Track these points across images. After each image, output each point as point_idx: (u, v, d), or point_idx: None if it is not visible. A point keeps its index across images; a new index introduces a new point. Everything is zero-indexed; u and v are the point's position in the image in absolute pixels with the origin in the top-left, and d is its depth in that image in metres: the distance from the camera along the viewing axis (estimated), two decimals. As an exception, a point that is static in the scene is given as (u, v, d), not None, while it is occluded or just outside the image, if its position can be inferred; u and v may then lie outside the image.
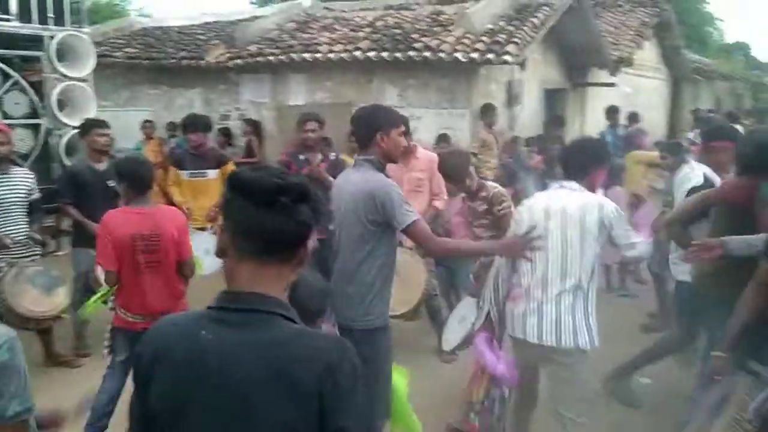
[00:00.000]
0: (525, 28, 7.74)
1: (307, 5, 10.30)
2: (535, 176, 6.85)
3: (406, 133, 4.51)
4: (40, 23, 5.39)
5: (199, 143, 5.85)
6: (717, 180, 3.72)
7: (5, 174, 4.44)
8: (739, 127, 6.08)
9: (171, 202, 5.59)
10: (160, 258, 3.50)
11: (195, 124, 5.94)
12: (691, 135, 9.69)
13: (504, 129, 8.19)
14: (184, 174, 5.88)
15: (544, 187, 5.81)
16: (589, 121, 11.15)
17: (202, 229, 5.74)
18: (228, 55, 8.76)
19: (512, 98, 8.44)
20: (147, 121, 8.90)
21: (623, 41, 11.17)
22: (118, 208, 3.79)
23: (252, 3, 25.77)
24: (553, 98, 9.99)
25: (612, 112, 9.21)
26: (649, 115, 12.08)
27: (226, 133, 8.84)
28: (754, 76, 24.31)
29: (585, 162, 3.03)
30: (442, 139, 6.90)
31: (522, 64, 8.16)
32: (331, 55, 8.03)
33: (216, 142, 8.21)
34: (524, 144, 8.02)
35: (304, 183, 1.32)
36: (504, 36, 7.48)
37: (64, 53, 5.45)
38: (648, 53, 13.15)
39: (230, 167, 6.12)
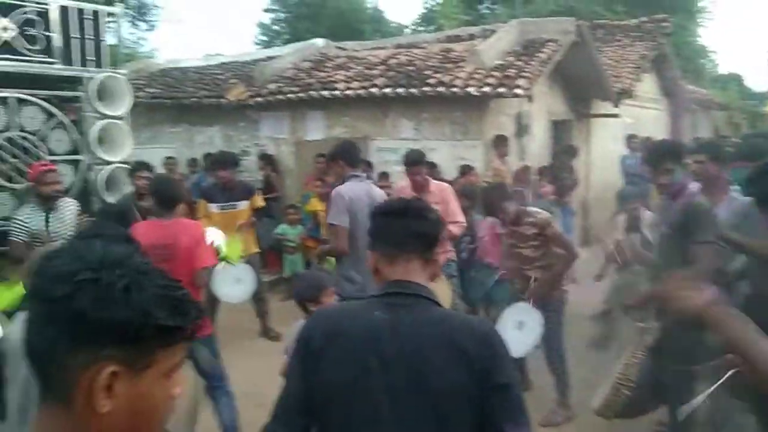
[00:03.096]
0: (533, 62, 8.11)
1: (321, 45, 10.73)
2: (545, 203, 7.12)
3: (417, 170, 5.10)
4: (81, 65, 5.73)
5: (229, 179, 6.13)
6: None
7: (56, 210, 4.72)
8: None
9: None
10: (171, 267, 3.75)
11: (224, 161, 6.23)
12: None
13: (514, 159, 8.49)
14: (214, 207, 6.15)
15: (554, 212, 6.29)
16: (594, 150, 11.49)
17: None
18: (248, 93, 9.13)
19: (521, 129, 8.76)
20: (169, 157, 9.22)
21: (624, 74, 11.57)
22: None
23: (256, 44, 26.48)
24: (559, 129, 10.33)
25: (631, 138, 9.90)
26: (652, 145, 12.43)
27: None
28: (751, 106, 24.81)
29: None
30: (467, 169, 7.15)
31: (530, 97, 8.51)
32: (348, 92, 8.38)
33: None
34: (535, 173, 8.33)
35: (426, 202, 1.77)
36: (514, 71, 7.85)
37: (102, 93, 5.76)
38: (647, 85, 13.57)
39: (258, 198, 6.41)
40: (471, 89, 7.59)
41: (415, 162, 5.22)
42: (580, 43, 9.09)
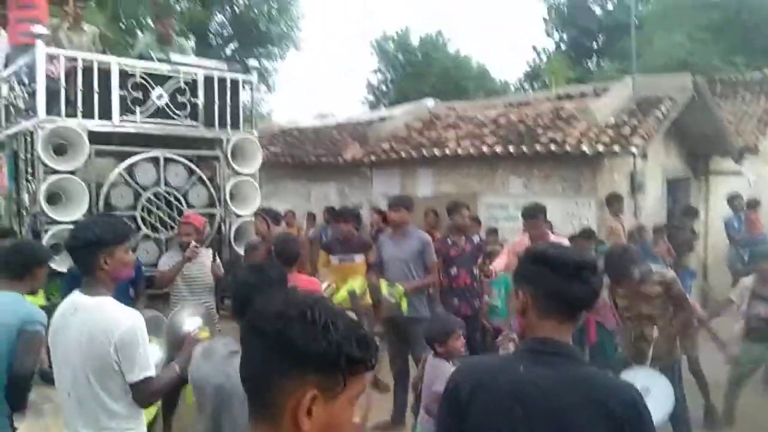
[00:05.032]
0: (648, 120, 8.00)
1: (431, 105, 11.12)
2: (660, 263, 6.87)
3: (535, 223, 5.08)
4: (220, 128, 6.30)
5: (347, 232, 6.44)
6: None
7: (195, 256, 5.17)
8: None
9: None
10: None
11: (345, 215, 6.56)
12: None
13: (629, 217, 8.30)
14: (334, 259, 6.46)
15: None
16: (713, 209, 10.96)
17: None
18: (362, 152, 9.59)
19: (636, 188, 8.58)
20: (289, 211, 9.78)
21: (747, 130, 11.09)
22: None
23: (363, 103, 27.64)
24: (675, 187, 10.00)
25: (733, 199, 9.41)
26: (779, 203, 11.68)
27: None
28: None
29: None
30: (588, 235, 6.60)
31: (645, 155, 8.37)
32: (459, 150, 8.61)
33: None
34: (650, 232, 8.09)
35: (595, 259, 1.66)
36: (628, 129, 7.77)
37: (235, 152, 6.29)
38: (772, 141, 12.87)
39: (373, 252, 6.65)
40: (584, 147, 7.59)
41: (532, 215, 5.25)
42: (697, 100, 8.87)
